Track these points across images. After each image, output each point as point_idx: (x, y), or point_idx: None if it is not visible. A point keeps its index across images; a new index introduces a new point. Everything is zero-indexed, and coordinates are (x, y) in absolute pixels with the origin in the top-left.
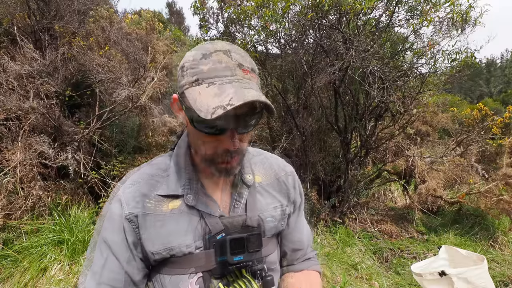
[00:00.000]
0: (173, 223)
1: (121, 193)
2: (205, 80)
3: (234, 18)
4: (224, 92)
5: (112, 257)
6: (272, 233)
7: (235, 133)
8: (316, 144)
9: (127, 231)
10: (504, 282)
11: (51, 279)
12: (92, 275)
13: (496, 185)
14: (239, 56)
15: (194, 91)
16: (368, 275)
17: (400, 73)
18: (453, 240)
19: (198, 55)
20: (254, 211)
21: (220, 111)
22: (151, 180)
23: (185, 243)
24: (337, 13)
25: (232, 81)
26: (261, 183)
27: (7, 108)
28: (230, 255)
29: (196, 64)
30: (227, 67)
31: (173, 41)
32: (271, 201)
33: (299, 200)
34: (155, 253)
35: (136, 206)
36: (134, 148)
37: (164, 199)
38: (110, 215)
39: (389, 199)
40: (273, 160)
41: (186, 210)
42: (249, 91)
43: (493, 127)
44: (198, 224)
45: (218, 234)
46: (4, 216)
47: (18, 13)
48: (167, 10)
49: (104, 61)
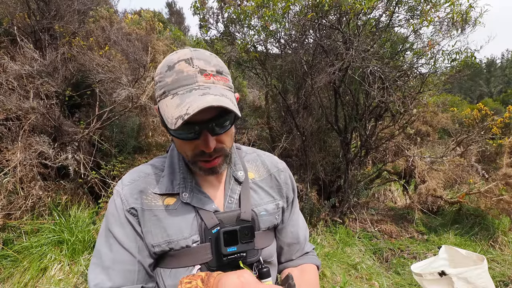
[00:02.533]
0: (170, 218)
1: (120, 190)
2: (170, 91)
3: (234, 18)
4: (183, 102)
5: (122, 250)
6: (266, 226)
7: (208, 136)
8: (316, 144)
9: (133, 222)
10: (504, 282)
11: (51, 279)
12: (103, 270)
13: (496, 185)
14: (202, 61)
15: (162, 103)
16: (368, 275)
17: (400, 73)
18: (453, 240)
19: (164, 68)
20: (247, 206)
21: (180, 121)
22: (147, 179)
23: (182, 237)
24: (337, 13)
25: (192, 89)
26: (254, 179)
27: (7, 108)
28: (224, 247)
29: (162, 77)
30: (188, 76)
31: (173, 41)
32: (264, 196)
33: (291, 196)
34: (155, 246)
35: (135, 202)
36: (134, 148)
37: (161, 197)
38: (113, 210)
39: (389, 199)
40: (265, 158)
41: (182, 207)
42: (206, 97)
43: (493, 127)
44: (194, 220)
45: (213, 228)
46: (4, 216)
47: (18, 13)
48: (167, 10)
49: (104, 61)
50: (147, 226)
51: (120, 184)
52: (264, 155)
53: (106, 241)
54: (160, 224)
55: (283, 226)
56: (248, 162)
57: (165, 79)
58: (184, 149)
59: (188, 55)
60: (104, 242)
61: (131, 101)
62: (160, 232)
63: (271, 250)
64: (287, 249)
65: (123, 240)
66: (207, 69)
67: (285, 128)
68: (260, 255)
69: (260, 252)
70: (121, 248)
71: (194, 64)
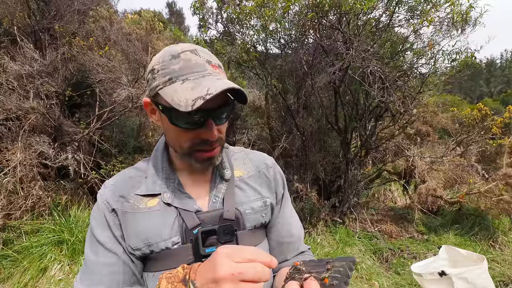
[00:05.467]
0: (150, 220)
1: (103, 192)
2: (179, 77)
3: (233, 18)
4: (200, 85)
5: (106, 252)
6: (252, 224)
7: (213, 124)
8: (316, 144)
9: (112, 225)
10: (504, 282)
11: (51, 279)
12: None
13: (496, 185)
14: (206, 54)
15: (169, 89)
16: (368, 275)
17: (400, 73)
18: (453, 240)
19: (167, 57)
20: (231, 204)
21: (200, 101)
22: (130, 181)
23: (162, 239)
24: (337, 13)
25: (205, 75)
26: (241, 177)
27: (7, 108)
28: (202, 247)
29: (166, 65)
30: (197, 64)
31: (173, 41)
32: (251, 194)
33: (281, 191)
34: (135, 249)
35: (116, 204)
36: (134, 148)
37: (143, 198)
38: (95, 213)
39: (389, 199)
40: (253, 155)
41: (164, 208)
42: (223, 82)
43: (493, 127)
44: (175, 221)
45: (194, 228)
46: (4, 216)
47: (18, 13)
48: (167, 10)
49: (104, 61)
50: (128, 230)
51: (102, 187)
52: (251, 153)
53: (91, 245)
54: (140, 227)
55: (273, 224)
56: (236, 160)
57: (171, 66)
58: (181, 140)
59: (192, 47)
60: (89, 246)
61: (131, 101)
62: (140, 235)
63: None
64: (280, 248)
65: (106, 242)
66: (212, 60)
67: (285, 128)
68: None
69: None
70: (105, 250)
71: (200, 55)
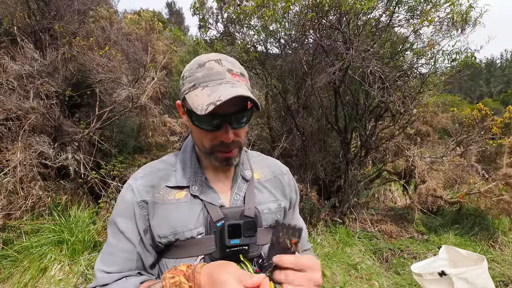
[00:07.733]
0: (178, 211)
1: (133, 183)
2: (200, 84)
3: (233, 18)
4: (215, 92)
5: (124, 239)
6: (268, 223)
7: (229, 128)
8: (316, 144)
9: (138, 217)
10: (504, 282)
11: (51, 279)
12: (106, 256)
13: (496, 185)
14: (229, 63)
15: (192, 94)
16: (368, 275)
17: (400, 73)
18: (453, 240)
19: (195, 65)
20: (251, 203)
21: (211, 106)
22: (160, 173)
23: (187, 228)
24: (337, 13)
25: (222, 83)
26: (259, 179)
27: (7, 108)
28: (227, 239)
29: (192, 73)
30: (217, 72)
31: (173, 41)
32: (268, 196)
33: (294, 197)
34: (162, 237)
35: (146, 195)
36: (134, 148)
37: (172, 190)
38: (122, 202)
39: (389, 199)
40: (270, 161)
41: (191, 200)
42: (236, 89)
43: (493, 127)
44: (200, 213)
45: (218, 221)
46: (4, 216)
47: (18, 13)
48: (167, 10)
49: (104, 61)
50: (156, 219)
51: (133, 177)
52: (268, 159)
53: (112, 231)
54: (168, 217)
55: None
56: (255, 164)
57: (196, 74)
58: (203, 140)
59: (217, 56)
60: (111, 231)
61: (131, 101)
62: (168, 224)
63: None
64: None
65: (126, 231)
66: (233, 69)
67: (285, 128)
68: (261, 250)
69: (261, 248)
70: (124, 237)
71: (223, 64)
